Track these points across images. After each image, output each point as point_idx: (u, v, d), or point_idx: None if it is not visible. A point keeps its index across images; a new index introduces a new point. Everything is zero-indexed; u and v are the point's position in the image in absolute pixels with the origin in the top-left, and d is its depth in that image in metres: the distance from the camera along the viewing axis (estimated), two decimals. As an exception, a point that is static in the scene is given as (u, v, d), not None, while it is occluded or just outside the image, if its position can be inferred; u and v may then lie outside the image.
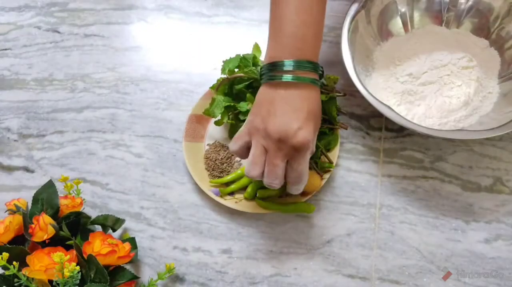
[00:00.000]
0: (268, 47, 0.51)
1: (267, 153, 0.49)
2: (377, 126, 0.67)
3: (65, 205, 0.57)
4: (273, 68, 0.49)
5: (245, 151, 0.52)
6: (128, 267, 0.55)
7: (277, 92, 0.49)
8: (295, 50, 0.49)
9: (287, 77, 0.48)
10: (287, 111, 0.48)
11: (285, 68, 0.48)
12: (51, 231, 0.53)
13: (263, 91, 0.51)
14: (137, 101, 0.72)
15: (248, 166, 0.50)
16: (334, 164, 0.62)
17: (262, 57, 0.67)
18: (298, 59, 0.49)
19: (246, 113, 0.60)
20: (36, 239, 0.52)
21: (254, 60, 0.63)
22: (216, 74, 0.65)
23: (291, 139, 0.47)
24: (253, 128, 0.50)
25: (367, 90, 0.58)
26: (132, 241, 0.59)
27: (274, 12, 0.51)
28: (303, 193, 0.59)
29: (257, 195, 0.61)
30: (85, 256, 0.51)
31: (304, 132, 0.48)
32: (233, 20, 0.78)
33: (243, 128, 0.52)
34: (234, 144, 0.52)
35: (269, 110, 0.49)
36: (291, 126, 0.48)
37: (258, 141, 0.49)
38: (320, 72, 0.51)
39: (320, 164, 0.61)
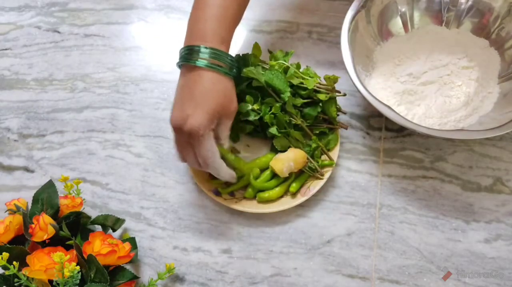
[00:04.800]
0: (187, 33, 0.55)
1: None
2: (377, 126, 0.67)
3: (65, 205, 0.57)
4: (190, 52, 0.52)
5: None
6: (128, 267, 0.55)
7: (182, 78, 0.53)
8: (204, 39, 0.53)
9: (193, 60, 0.51)
10: (183, 99, 0.51)
11: (193, 55, 0.51)
12: (51, 231, 0.53)
13: (178, 80, 0.55)
14: (137, 101, 0.72)
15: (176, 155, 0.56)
16: (334, 162, 0.62)
17: (262, 57, 0.67)
18: (210, 47, 0.52)
19: (246, 113, 0.60)
20: (36, 239, 0.52)
21: (254, 60, 0.63)
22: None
23: (183, 127, 0.50)
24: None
25: (367, 90, 0.58)
26: (132, 241, 0.59)
27: (192, 12, 0.56)
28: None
29: (256, 198, 0.61)
30: (85, 256, 0.51)
31: (192, 119, 0.50)
32: (233, 20, 0.78)
33: None
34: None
35: (175, 100, 0.53)
36: (181, 114, 0.50)
37: (173, 133, 0.53)
38: (229, 61, 0.53)
39: (320, 163, 0.61)
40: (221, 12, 0.54)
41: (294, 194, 0.61)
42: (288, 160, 0.59)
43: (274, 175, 0.62)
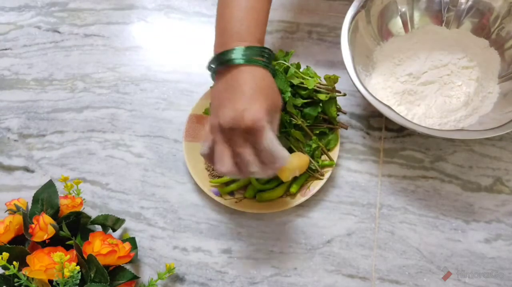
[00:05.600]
0: (215, 41, 0.54)
1: (231, 146, 0.49)
2: (377, 126, 0.67)
3: (65, 205, 0.57)
4: (223, 56, 0.50)
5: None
6: (128, 267, 0.55)
7: (223, 82, 0.50)
8: (241, 39, 0.51)
9: (237, 59, 0.49)
10: (232, 98, 0.48)
11: (234, 54, 0.49)
12: (51, 231, 0.53)
13: (213, 87, 0.52)
14: (137, 101, 0.72)
15: (216, 165, 0.49)
16: (334, 162, 0.62)
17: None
18: (248, 45, 0.50)
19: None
20: (36, 239, 0.52)
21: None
22: (216, 74, 0.65)
23: (240, 124, 0.47)
24: (211, 126, 0.50)
25: (367, 90, 0.58)
26: (132, 241, 0.59)
27: (220, 13, 0.54)
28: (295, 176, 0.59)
29: (256, 198, 0.61)
30: (85, 256, 0.51)
31: (249, 112, 0.47)
32: (233, 20, 0.78)
33: (206, 130, 0.52)
34: (203, 148, 0.51)
35: (219, 103, 0.49)
36: (236, 110, 0.47)
37: (217, 137, 0.49)
38: (266, 55, 0.51)
39: (320, 163, 0.61)
40: (253, 14, 0.53)
41: (294, 194, 0.61)
42: (294, 169, 0.57)
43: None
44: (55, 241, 0.54)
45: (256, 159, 0.49)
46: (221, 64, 0.50)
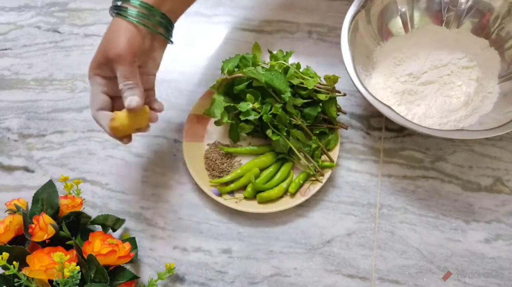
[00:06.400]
0: None
1: None
2: (377, 126, 0.67)
3: (65, 205, 0.57)
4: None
5: None
6: (128, 267, 0.55)
7: None
8: None
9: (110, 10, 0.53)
10: None
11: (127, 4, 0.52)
12: (51, 231, 0.53)
13: None
14: (137, 101, 0.72)
15: None
16: (335, 164, 0.62)
17: (262, 57, 0.67)
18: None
19: (246, 113, 0.60)
20: (36, 239, 0.52)
21: (254, 60, 0.63)
22: (216, 74, 0.65)
23: None
24: None
25: (367, 90, 0.58)
26: (132, 241, 0.59)
27: None
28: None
29: (256, 198, 0.61)
30: (85, 256, 0.51)
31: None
32: (233, 20, 0.78)
33: None
34: None
35: None
36: None
37: None
38: (140, 9, 0.52)
39: (320, 164, 0.61)
40: None
41: (293, 194, 0.61)
42: (122, 126, 0.53)
43: (274, 175, 0.62)
44: (55, 241, 0.54)
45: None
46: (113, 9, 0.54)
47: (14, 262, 0.47)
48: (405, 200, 0.62)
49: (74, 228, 0.56)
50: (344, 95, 0.64)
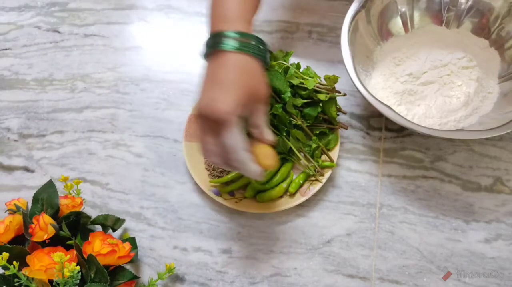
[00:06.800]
0: (208, 24, 0.52)
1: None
2: (377, 126, 0.67)
3: (65, 205, 0.57)
4: (211, 39, 0.49)
5: None
6: (128, 267, 0.55)
7: (210, 67, 0.49)
8: (230, 21, 0.50)
9: (223, 45, 0.48)
10: (210, 86, 0.48)
11: (222, 38, 0.48)
12: (51, 231, 0.53)
13: (205, 70, 0.51)
14: (137, 101, 0.72)
15: (200, 150, 0.50)
16: (335, 164, 0.62)
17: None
18: (237, 30, 0.49)
19: (246, 113, 0.60)
20: (36, 239, 0.52)
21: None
22: (216, 74, 0.65)
23: (208, 113, 0.46)
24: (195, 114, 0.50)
25: (367, 90, 0.58)
26: (132, 241, 0.59)
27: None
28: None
29: (257, 198, 0.61)
30: (85, 256, 0.51)
31: (219, 103, 0.46)
32: (233, 20, 0.78)
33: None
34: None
35: (201, 89, 0.49)
36: (208, 100, 0.46)
37: (198, 123, 0.49)
38: (254, 42, 0.50)
39: (321, 164, 0.61)
40: None
41: (293, 194, 0.61)
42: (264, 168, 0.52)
43: (274, 175, 0.62)
44: (55, 241, 0.54)
45: (218, 151, 0.48)
46: (210, 47, 0.50)
47: (14, 262, 0.47)
48: (405, 200, 0.62)
49: (74, 228, 0.56)
50: (344, 95, 0.64)
